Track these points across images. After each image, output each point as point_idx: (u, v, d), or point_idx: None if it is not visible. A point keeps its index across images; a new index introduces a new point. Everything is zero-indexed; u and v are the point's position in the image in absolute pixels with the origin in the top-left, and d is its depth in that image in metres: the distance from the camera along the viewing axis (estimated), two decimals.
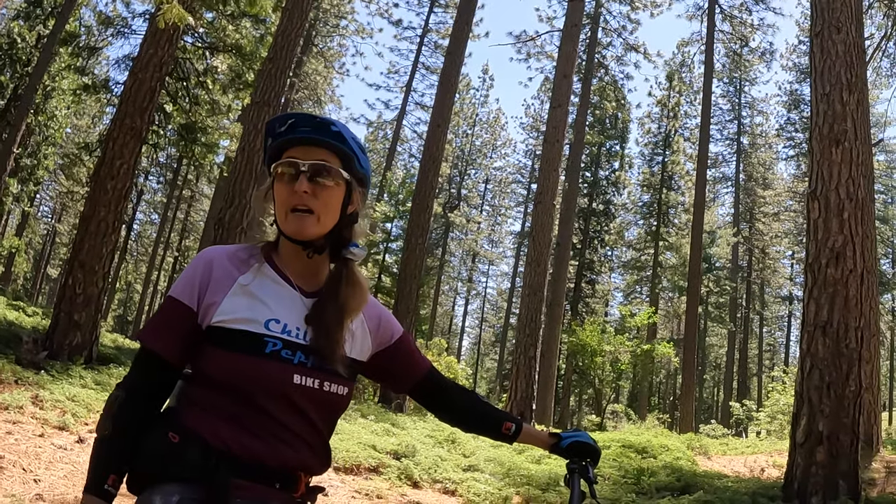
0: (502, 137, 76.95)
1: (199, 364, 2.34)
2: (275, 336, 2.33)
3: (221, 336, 2.30)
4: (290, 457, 2.33)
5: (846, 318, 11.17)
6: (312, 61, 49.51)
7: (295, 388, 2.32)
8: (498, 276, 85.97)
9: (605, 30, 47.14)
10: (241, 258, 2.45)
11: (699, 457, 19.45)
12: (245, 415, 2.27)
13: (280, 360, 2.31)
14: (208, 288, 2.36)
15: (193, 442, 2.23)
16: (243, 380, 2.26)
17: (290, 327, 2.37)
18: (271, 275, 2.44)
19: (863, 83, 12.62)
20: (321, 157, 2.40)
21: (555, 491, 12.50)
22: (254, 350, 2.28)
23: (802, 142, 58.56)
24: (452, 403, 2.93)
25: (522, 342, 27.18)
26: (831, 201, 11.79)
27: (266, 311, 2.35)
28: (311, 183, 2.38)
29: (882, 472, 15.60)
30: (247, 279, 2.40)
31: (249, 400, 2.27)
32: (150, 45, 17.19)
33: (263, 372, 2.28)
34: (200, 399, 2.32)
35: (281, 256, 2.50)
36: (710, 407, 75.15)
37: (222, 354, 2.28)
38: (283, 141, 2.43)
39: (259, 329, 2.31)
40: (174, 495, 2.17)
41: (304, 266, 2.49)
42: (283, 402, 2.31)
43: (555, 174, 29.79)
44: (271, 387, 2.29)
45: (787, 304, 67.90)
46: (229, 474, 2.20)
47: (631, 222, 62.96)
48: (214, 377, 2.28)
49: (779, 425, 37.01)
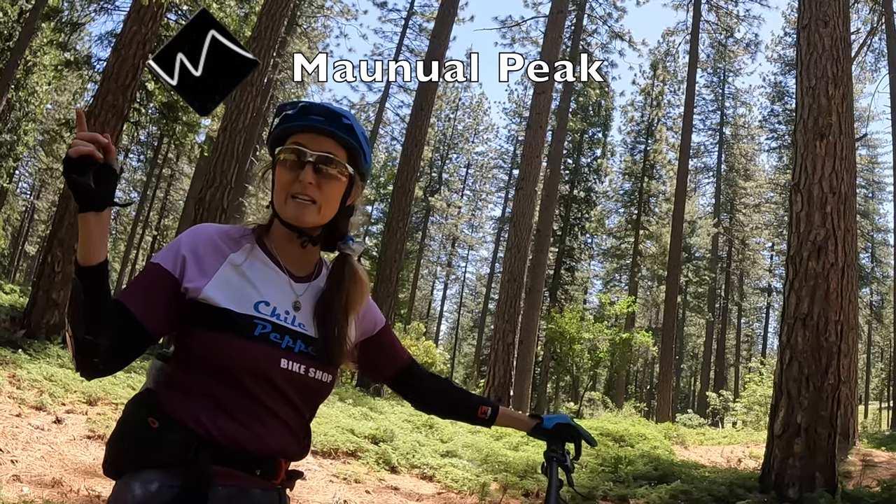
0: (485, 122, 76.66)
1: (184, 343, 2.30)
2: (264, 319, 2.30)
3: (209, 315, 2.25)
4: (273, 443, 2.31)
5: (826, 311, 11.24)
6: (296, 41, 49.22)
7: (280, 373, 2.30)
8: (477, 262, 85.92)
9: (590, 17, 47.17)
10: (233, 237, 2.42)
11: (676, 446, 19.55)
12: (228, 398, 2.24)
13: (268, 344, 2.29)
14: (195, 261, 2.31)
15: (173, 428, 2.19)
16: (229, 362, 2.22)
17: (280, 311, 2.35)
18: (262, 257, 2.41)
19: (848, 77, 12.71)
20: (329, 149, 2.38)
21: (532, 478, 12.52)
22: (242, 332, 2.25)
23: (785, 134, 58.77)
24: (429, 392, 2.96)
25: (501, 328, 27.21)
26: (814, 194, 11.85)
27: (255, 293, 2.33)
28: (317, 174, 2.36)
29: (858, 465, 15.71)
30: (238, 258, 2.37)
31: (234, 383, 2.24)
32: (133, 21, 17.14)
33: (250, 354, 2.25)
34: (182, 381, 2.28)
35: (273, 240, 2.47)
36: (686, 396, 75.57)
37: (209, 335, 2.24)
38: (291, 126, 2.40)
39: (248, 311, 2.29)
40: (154, 482, 2.15)
41: (295, 251, 2.47)
42: (268, 387, 2.28)
43: (537, 160, 29.78)
44: (257, 370, 2.26)
45: (766, 295, 68.31)
46: (209, 461, 2.16)
47: (612, 210, 63.03)
48: (200, 358, 2.24)
49: (755, 416, 37.20)
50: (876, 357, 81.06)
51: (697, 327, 72.02)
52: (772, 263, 66.61)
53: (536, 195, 31.61)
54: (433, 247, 76.87)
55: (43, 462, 7.87)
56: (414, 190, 28.96)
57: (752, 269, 66.81)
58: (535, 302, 33.57)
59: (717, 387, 57.17)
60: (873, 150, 66.01)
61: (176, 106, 25.67)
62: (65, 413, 9.99)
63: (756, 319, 77.05)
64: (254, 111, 20.83)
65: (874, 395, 79.34)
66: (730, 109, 65.18)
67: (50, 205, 61.34)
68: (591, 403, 42.93)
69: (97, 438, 9.19)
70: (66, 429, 9.28)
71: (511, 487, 11.88)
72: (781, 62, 60.65)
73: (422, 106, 28.76)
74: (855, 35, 34.57)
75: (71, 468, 7.94)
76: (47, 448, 8.35)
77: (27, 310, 15.84)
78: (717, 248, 62.92)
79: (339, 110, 2.43)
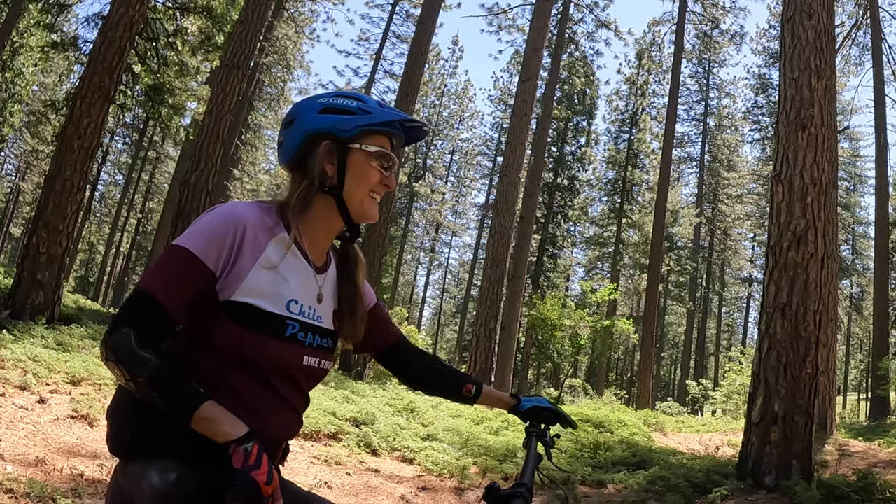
0: (470, 109, 76.60)
1: (210, 332, 2.25)
2: (294, 318, 2.34)
3: (244, 313, 2.24)
4: (283, 431, 2.40)
5: (805, 301, 11.28)
6: (283, 26, 49.06)
7: (301, 369, 2.39)
8: (461, 248, 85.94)
9: (577, 5, 47.01)
10: (268, 224, 2.35)
11: (655, 433, 19.61)
12: (250, 391, 2.27)
13: (295, 343, 2.34)
14: (239, 257, 2.26)
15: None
16: (261, 360, 2.26)
17: (305, 307, 2.39)
18: (294, 250, 2.39)
19: (831, 70, 12.71)
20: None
21: (511, 462, 12.58)
22: (275, 332, 2.28)
23: (768, 125, 58.97)
24: (416, 368, 3.02)
25: (483, 314, 27.28)
26: (795, 185, 11.88)
27: (288, 291, 2.34)
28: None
29: (835, 454, 15.81)
30: (275, 254, 2.32)
31: (258, 377, 2.28)
32: (121, 3, 17.07)
33: (282, 354, 2.30)
34: (203, 369, 2.24)
35: (308, 227, 2.46)
36: (666, 384, 75.81)
37: (241, 331, 2.23)
38: (383, 129, 2.47)
39: (281, 311, 2.31)
40: (172, 472, 2.14)
41: (324, 240, 2.52)
42: (287, 380, 2.37)
43: (521, 147, 29.81)
44: (284, 368, 2.33)
45: (747, 285, 68.58)
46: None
47: (595, 198, 63.14)
48: (228, 351, 2.24)
49: (734, 405, 37.27)
50: (855, 349, 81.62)
51: (678, 316, 72.36)
52: (753, 254, 66.75)
53: (520, 182, 31.69)
54: (417, 232, 77.02)
55: (27, 441, 7.86)
56: (398, 175, 28.90)
57: (733, 259, 67.03)
58: (517, 288, 33.63)
59: (696, 375, 57.42)
60: (856, 143, 66.33)
61: (162, 89, 25.55)
62: (49, 393, 9.97)
63: (737, 309, 77.52)
64: (240, 94, 20.77)
65: (853, 386, 79.79)
66: (714, 100, 65.36)
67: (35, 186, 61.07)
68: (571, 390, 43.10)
69: (80, 418, 9.17)
70: (50, 409, 9.26)
71: (490, 471, 11.92)
72: (766, 54, 60.86)
73: (407, 92, 28.69)
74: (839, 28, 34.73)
75: (54, 447, 7.93)
76: (31, 427, 8.35)
77: (12, 291, 15.80)
78: (699, 238, 63.09)
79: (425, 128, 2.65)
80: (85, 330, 15.62)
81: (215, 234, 2.24)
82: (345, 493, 9.35)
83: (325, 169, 2.41)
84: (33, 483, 6.43)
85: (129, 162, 60.91)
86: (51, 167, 16.82)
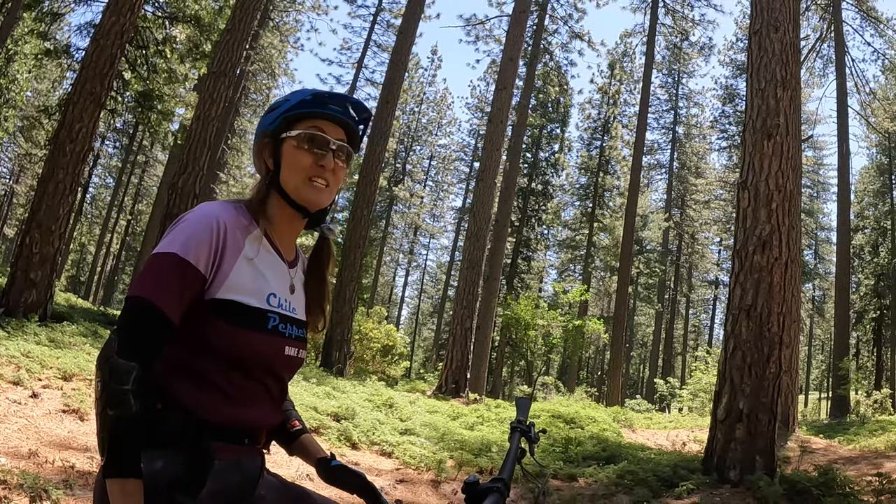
0: (448, 116, 76.75)
1: (198, 331, 2.23)
2: (274, 311, 2.35)
3: (229, 310, 2.24)
4: (264, 419, 2.39)
5: (770, 303, 11.32)
6: (268, 35, 49.01)
7: (282, 359, 2.38)
8: (438, 250, 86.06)
9: (552, 17, 47.07)
10: (243, 224, 2.36)
11: (624, 429, 19.67)
12: (232, 383, 2.26)
13: (277, 335, 2.34)
14: (223, 256, 2.26)
15: (174, 410, 2.18)
16: (247, 354, 2.26)
17: (282, 299, 2.40)
18: (267, 245, 2.42)
19: (796, 81, 12.74)
20: (343, 137, 2.46)
21: (486, 456, 12.61)
22: (258, 325, 2.28)
23: (735, 134, 59.18)
24: None
25: (459, 314, 27.30)
26: (761, 192, 11.92)
27: (267, 286, 2.35)
28: (335, 160, 2.43)
29: (797, 450, 15.88)
30: (251, 251, 2.34)
31: (242, 370, 2.27)
32: (112, 12, 17.06)
33: (265, 347, 2.30)
34: (188, 365, 2.23)
35: (271, 222, 2.45)
36: (635, 382, 76.08)
37: (227, 328, 2.23)
38: (307, 112, 2.42)
39: (262, 304, 2.32)
40: (158, 460, 2.11)
41: (290, 234, 2.51)
42: (268, 371, 2.36)
43: (497, 153, 29.88)
44: (266, 359, 2.32)
45: (713, 288, 68.90)
46: (210, 440, 2.18)
47: (568, 203, 63.29)
48: (216, 348, 2.22)
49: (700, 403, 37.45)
50: (817, 349, 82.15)
51: (647, 317, 72.62)
52: (719, 257, 67.13)
53: (496, 187, 31.70)
54: (396, 234, 76.91)
55: (20, 434, 7.84)
56: (379, 180, 28.93)
57: (700, 262, 67.36)
58: (492, 289, 33.66)
59: (664, 374, 57.58)
60: (819, 151, 66.74)
61: (151, 95, 25.53)
62: (41, 388, 9.92)
63: (703, 311, 77.98)
64: (226, 101, 20.74)
65: (814, 385, 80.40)
66: (683, 109, 65.60)
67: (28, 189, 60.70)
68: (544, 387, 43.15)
69: (72, 412, 9.15)
70: (42, 403, 9.23)
71: (466, 465, 11.94)
72: (733, 66, 61.14)
73: (387, 99, 28.68)
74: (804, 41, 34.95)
75: (46, 441, 7.91)
76: (24, 421, 8.31)
77: (6, 289, 15.76)
78: (667, 242, 63.33)
79: (353, 101, 2.52)
80: (76, 327, 15.61)
81: (200, 237, 2.22)
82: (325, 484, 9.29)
83: (266, 163, 2.45)
84: (26, 475, 6.41)
85: (120, 165, 60.77)
86: (44, 170, 16.80)
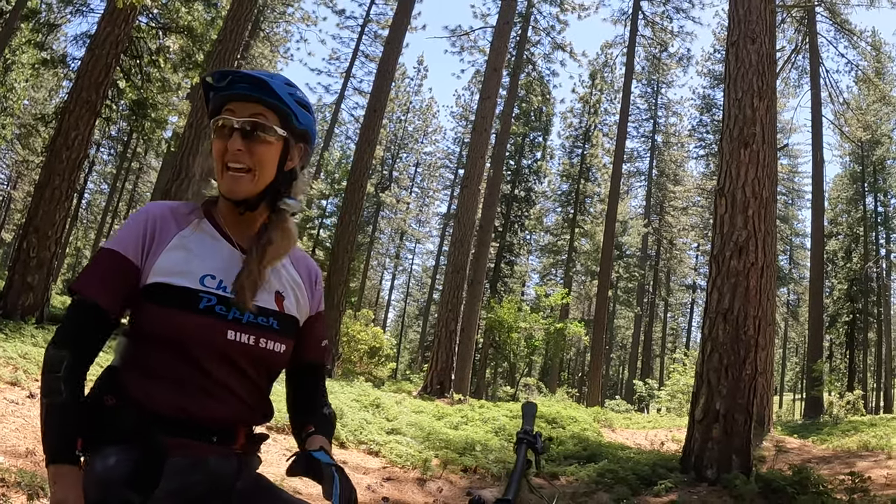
0: (433, 125, 76.90)
1: (136, 319, 2.24)
2: (209, 291, 2.24)
3: (156, 292, 2.20)
4: (222, 412, 2.26)
5: (746, 307, 11.35)
6: (259, 45, 48.98)
7: (230, 345, 2.23)
8: (424, 254, 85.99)
9: (534, 28, 47.09)
10: (183, 213, 2.36)
11: (604, 429, 19.69)
12: (179, 372, 2.19)
13: (213, 316, 2.22)
14: (153, 245, 2.24)
15: (127, 404, 2.17)
16: (176, 335, 2.17)
17: (226, 283, 2.28)
18: (210, 230, 2.35)
19: (772, 91, 12.79)
20: (257, 113, 2.29)
21: (471, 455, 12.63)
22: (187, 305, 2.19)
23: (712, 143, 59.40)
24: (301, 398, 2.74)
25: (444, 316, 27.33)
26: (738, 199, 11.95)
27: (202, 267, 2.27)
28: (248, 140, 2.28)
29: (772, 450, 15.93)
30: (186, 234, 2.30)
31: (184, 356, 2.19)
32: (107, 23, 17.12)
33: (195, 327, 2.19)
34: (137, 357, 2.23)
35: (220, 211, 2.40)
36: (615, 384, 76.00)
37: (157, 310, 2.18)
38: (223, 96, 2.31)
39: (194, 284, 2.23)
40: (111, 457, 2.11)
41: (240, 220, 2.39)
42: (220, 359, 2.23)
43: (481, 161, 29.92)
44: (204, 342, 2.20)
45: (691, 292, 69.05)
46: (162, 434, 2.13)
47: (550, 209, 63.30)
48: (149, 333, 2.19)
49: (678, 403, 37.51)
50: (791, 352, 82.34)
51: (626, 320, 72.62)
52: (697, 262, 67.28)
53: (480, 193, 31.75)
54: (383, 239, 76.92)
55: (17, 434, 7.81)
56: (366, 186, 28.89)
57: (678, 267, 67.53)
58: (476, 293, 33.65)
59: (643, 375, 57.66)
60: (794, 160, 66.90)
61: (145, 103, 25.48)
62: (38, 389, 9.85)
63: (681, 314, 78.11)
64: None
65: (789, 386, 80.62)
66: (662, 118, 65.79)
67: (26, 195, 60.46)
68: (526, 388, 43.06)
69: None
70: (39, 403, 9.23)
71: (451, 463, 11.95)
72: (710, 76, 61.29)
73: (375, 108, 28.67)
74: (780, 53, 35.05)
75: None
76: (21, 421, 8.28)
77: (3, 292, 15.84)
78: (646, 247, 63.41)
79: (262, 74, 2.34)
80: None
81: (130, 229, 2.27)
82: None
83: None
84: (24, 473, 6.38)
85: (114, 172, 60.60)
86: (41, 177, 16.88)
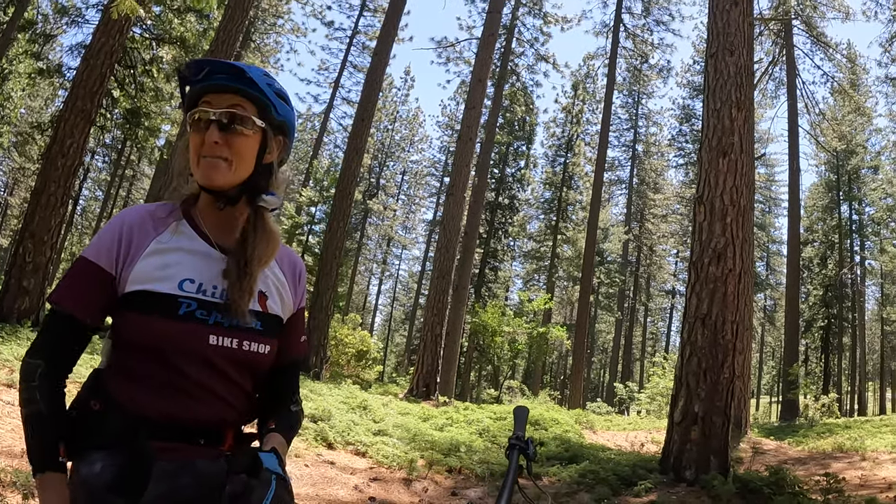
0: (420, 134, 77.24)
1: (116, 326, 2.19)
2: (189, 297, 2.17)
3: (134, 299, 2.15)
4: (207, 414, 2.20)
5: (724, 312, 11.41)
6: (250, 56, 48.78)
7: (212, 349, 2.18)
8: (410, 260, 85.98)
9: (519, 40, 47.11)
10: (160, 216, 2.28)
11: (586, 431, 19.73)
12: (161, 377, 2.14)
13: (194, 321, 2.16)
14: (129, 253, 2.18)
15: (113, 409, 2.13)
16: (157, 342, 2.12)
17: (206, 286, 2.22)
18: (188, 232, 2.27)
19: (750, 102, 12.86)
20: (235, 104, 2.22)
21: (455, 456, 12.66)
22: (167, 312, 2.13)
23: (692, 152, 59.57)
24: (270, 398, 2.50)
25: (430, 321, 27.31)
26: (716, 207, 12.02)
27: (180, 271, 2.20)
28: (225, 132, 2.21)
29: (749, 451, 16.01)
30: (163, 239, 2.23)
31: (165, 362, 2.13)
32: (102, 34, 17.13)
33: (177, 334, 2.13)
34: (121, 363, 2.19)
35: (199, 209, 2.32)
36: (596, 386, 76.17)
37: (136, 318, 2.13)
38: (199, 88, 2.24)
39: (172, 290, 2.16)
40: (97, 462, 2.08)
41: (220, 218, 2.31)
42: (202, 364, 2.17)
43: (466, 169, 29.92)
44: (186, 348, 2.14)
45: (670, 297, 69.15)
46: (149, 438, 2.08)
47: (533, 216, 63.24)
48: (130, 341, 2.14)
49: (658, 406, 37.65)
50: (768, 356, 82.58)
51: (608, 324, 72.80)
52: (676, 268, 67.49)
53: (465, 201, 31.81)
54: (370, 245, 77.04)
55: (13, 434, 7.80)
56: (354, 193, 28.87)
57: (658, 273, 67.65)
58: (461, 297, 33.67)
59: (624, 378, 57.69)
60: (771, 169, 67.06)
61: (139, 112, 25.51)
62: None
63: (661, 319, 78.40)
64: None
65: (765, 390, 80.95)
66: (642, 128, 65.91)
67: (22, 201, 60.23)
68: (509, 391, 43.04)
69: None
70: None
71: (436, 464, 11.97)
72: (690, 87, 61.46)
73: (363, 117, 28.65)
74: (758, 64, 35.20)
75: None
76: (17, 422, 8.24)
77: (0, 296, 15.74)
78: (627, 253, 63.53)
79: (240, 65, 2.26)
80: None
81: (104, 238, 2.21)
82: (303, 483, 9.35)
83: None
84: (19, 473, 6.38)
85: (108, 179, 60.34)
86: (37, 183, 16.84)
